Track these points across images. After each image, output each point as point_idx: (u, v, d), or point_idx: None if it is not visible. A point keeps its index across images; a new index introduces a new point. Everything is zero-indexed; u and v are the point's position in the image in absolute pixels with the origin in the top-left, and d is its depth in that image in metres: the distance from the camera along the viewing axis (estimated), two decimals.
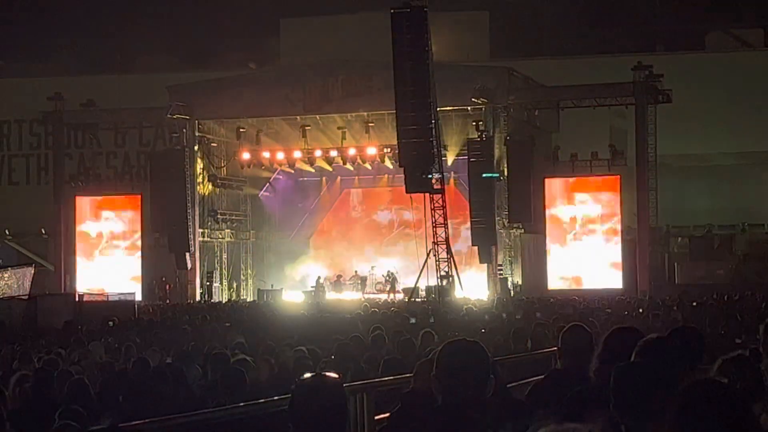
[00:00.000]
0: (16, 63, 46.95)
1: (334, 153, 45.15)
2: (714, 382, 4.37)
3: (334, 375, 5.14)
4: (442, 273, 40.18)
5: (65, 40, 47.37)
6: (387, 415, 7.52)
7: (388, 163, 44.98)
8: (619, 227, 41.09)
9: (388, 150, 43.55)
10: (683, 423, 4.00)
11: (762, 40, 45.80)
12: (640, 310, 24.10)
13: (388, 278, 46.37)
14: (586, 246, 41.01)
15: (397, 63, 36.55)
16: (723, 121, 43.91)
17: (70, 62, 46.79)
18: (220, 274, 47.22)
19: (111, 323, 23.00)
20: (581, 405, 5.39)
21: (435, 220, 40.24)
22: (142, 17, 46.50)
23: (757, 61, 44.75)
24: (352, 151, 44.72)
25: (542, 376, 7.23)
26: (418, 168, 38.08)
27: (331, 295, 44.03)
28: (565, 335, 7.05)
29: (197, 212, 44.62)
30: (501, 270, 42.18)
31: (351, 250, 50.22)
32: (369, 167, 46.64)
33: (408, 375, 8.18)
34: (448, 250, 40.30)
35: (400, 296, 42.59)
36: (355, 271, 47.78)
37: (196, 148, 44.77)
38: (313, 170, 47.66)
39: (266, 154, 45.61)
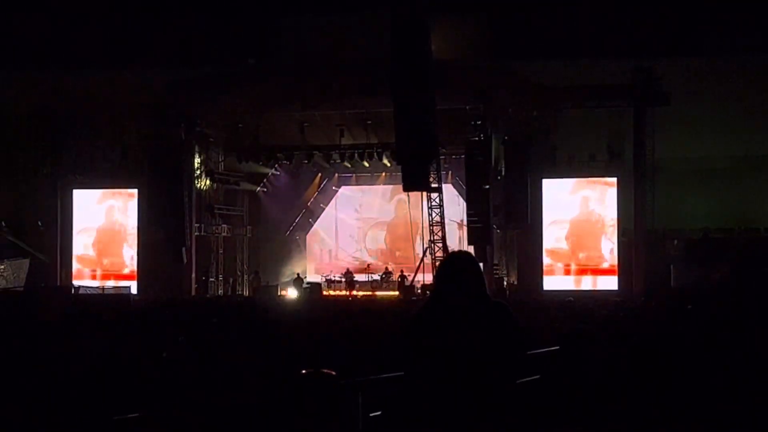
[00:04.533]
0: (16, 56, 46.90)
1: (332, 150, 45.21)
2: None
3: (330, 371, 5.16)
4: None
5: (65, 34, 47.31)
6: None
7: (385, 161, 45.03)
8: (615, 229, 41.10)
9: (386, 148, 43.61)
10: None
11: (761, 44, 45.81)
12: (636, 312, 24.09)
13: (385, 275, 46.46)
14: (581, 247, 41.00)
15: (397, 61, 36.52)
16: (721, 125, 43.90)
17: (69, 56, 46.75)
18: (216, 270, 47.24)
19: (105, 318, 22.96)
20: None
21: (432, 219, 40.30)
22: (141, 12, 46.44)
23: (756, 65, 44.76)
24: (350, 149, 44.77)
25: None
26: (415, 166, 38.08)
27: (327, 292, 44.08)
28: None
29: (194, 207, 44.62)
30: (497, 270, 42.20)
31: (347, 247, 50.28)
32: (366, 165, 46.69)
33: (401, 373, 8.19)
34: (445, 249, 40.35)
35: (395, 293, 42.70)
36: (348, 269, 47.85)
37: (193, 143, 44.79)
38: (311, 167, 47.68)
39: (264, 150, 45.68)
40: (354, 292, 44.95)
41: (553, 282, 40.69)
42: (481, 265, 32.30)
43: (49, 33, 47.31)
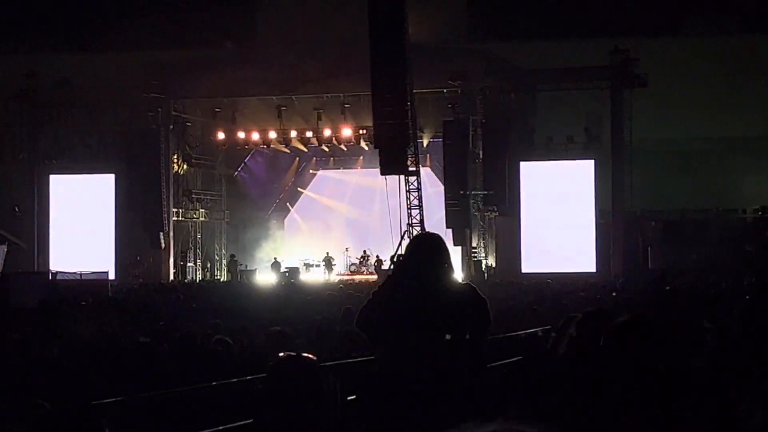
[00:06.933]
0: None
1: (309, 134, 45.07)
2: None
3: (309, 355, 5.16)
4: None
5: (41, 17, 47.02)
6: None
7: (363, 145, 44.95)
8: (593, 211, 41.20)
9: (364, 132, 43.51)
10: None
11: (738, 25, 45.93)
12: (614, 294, 24.18)
13: (363, 258, 46.42)
14: (560, 229, 41.07)
15: (374, 44, 36.41)
16: (698, 107, 44.00)
17: (46, 40, 46.48)
18: (194, 254, 47.13)
19: (83, 303, 22.87)
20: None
21: (410, 202, 40.25)
22: None
23: (734, 47, 44.87)
24: (327, 133, 44.65)
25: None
26: (393, 150, 37.99)
27: (305, 276, 44.03)
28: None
29: (171, 191, 44.47)
30: (475, 253, 42.25)
31: (325, 230, 50.17)
32: (344, 149, 46.59)
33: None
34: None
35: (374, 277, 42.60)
36: (327, 253, 47.71)
37: (171, 127, 44.62)
38: (288, 151, 47.56)
39: (241, 134, 45.50)
40: (332, 276, 44.91)
41: (531, 264, 40.78)
42: (459, 248, 32.13)
43: (26, 16, 47.00)
